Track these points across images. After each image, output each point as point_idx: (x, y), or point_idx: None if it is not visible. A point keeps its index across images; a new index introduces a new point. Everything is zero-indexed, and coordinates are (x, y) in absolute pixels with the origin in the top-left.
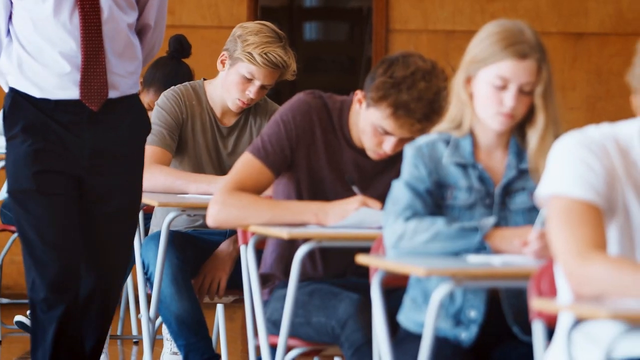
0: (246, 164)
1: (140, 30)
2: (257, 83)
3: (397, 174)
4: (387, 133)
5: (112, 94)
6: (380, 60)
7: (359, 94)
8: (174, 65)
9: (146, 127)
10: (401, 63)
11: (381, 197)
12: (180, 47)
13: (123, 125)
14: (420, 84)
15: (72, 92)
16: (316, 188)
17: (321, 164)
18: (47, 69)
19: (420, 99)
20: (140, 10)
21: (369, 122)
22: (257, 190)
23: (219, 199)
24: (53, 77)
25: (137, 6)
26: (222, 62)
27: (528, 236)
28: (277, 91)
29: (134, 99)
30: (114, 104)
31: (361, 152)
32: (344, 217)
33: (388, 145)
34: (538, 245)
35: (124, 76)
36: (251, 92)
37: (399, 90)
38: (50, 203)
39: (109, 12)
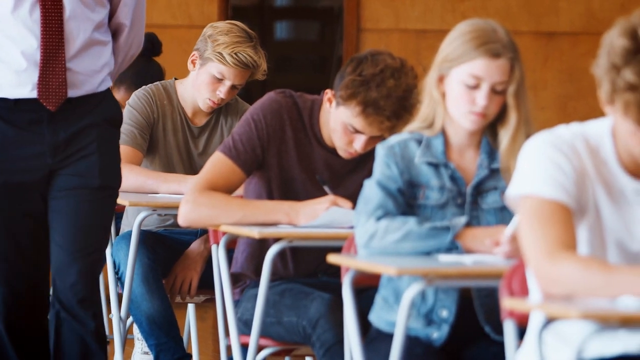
0: (217, 163)
1: (116, 30)
2: (227, 83)
3: (368, 173)
4: (357, 131)
5: (73, 93)
6: (350, 58)
7: (328, 93)
8: (144, 63)
9: (117, 113)
10: (370, 61)
11: (352, 196)
12: (150, 45)
13: (88, 116)
14: (389, 82)
15: (29, 90)
16: (287, 187)
17: (292, 163)
18: (5, 66)
19: (389, 96)
20: (114, 9)
21: (339, 120)
22: (228, 189)
23: (190, 198)
24: (11, 74)
25: (110, 4)
26: (193, 62)
27: (499, 236)
28: (247, 90)
29: (103, 95)
30: (76, 102)
31: (332, 151)
32: (315, 217)
33: (358, 144)
34: (509, 248)
35: (89, 75)
36: (222, 92)
37: (368, 87)
38: (10, 219)
39: (72, 8)
